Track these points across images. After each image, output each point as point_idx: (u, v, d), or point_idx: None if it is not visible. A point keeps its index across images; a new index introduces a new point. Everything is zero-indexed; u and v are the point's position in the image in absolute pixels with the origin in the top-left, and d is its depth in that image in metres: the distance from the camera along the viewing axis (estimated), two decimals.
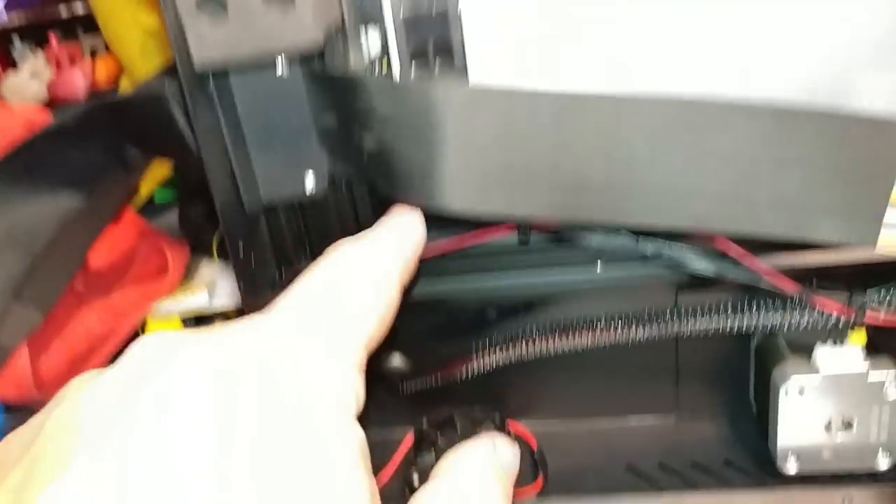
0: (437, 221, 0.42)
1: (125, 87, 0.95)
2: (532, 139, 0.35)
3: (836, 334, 0.41)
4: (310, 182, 0.42)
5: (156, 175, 0.79)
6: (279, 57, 0.37)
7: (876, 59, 0.35)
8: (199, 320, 0.74)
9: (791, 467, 0.44)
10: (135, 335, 0.69)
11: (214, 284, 0.72)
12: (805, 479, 0.45)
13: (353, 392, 0.26)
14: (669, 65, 0.40)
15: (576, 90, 0.35)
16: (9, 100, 0.92)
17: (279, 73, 0.38)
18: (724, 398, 0.51)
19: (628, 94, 0.35)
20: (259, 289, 0.44)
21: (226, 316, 0.71)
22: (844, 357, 0.41)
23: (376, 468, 0.47)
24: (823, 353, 0.41)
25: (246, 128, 0.40)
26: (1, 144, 0.68)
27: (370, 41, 0.41)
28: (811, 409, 0.42)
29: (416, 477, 0.49)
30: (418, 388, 0.51)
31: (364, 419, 0.47)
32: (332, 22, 0.36)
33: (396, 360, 0.52)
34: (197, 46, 0.34)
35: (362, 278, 0.29)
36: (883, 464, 0.43)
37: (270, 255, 0.45)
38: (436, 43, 0.35)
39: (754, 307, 0.42)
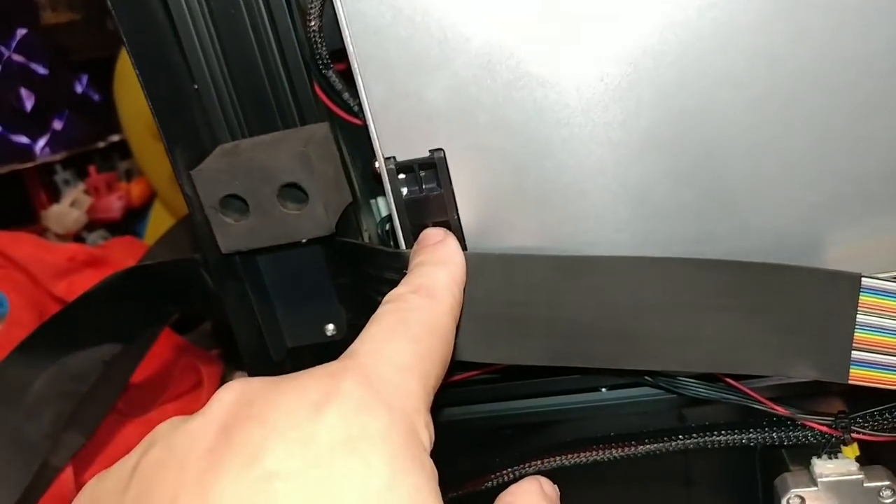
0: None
1: (158, 209, 1.02)
2: (528, 297, 0.39)
3: (829, 450, 0.44)
4: (330, 330, 0.46)
5: None
6: None
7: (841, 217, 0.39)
8: None
9: None
10: None
11: None
12: None
13: (430, 432, 0.27)
14: None
15: (567, 253, 0.39)
16: (51, 227, 0.98)
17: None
18: (735, 502, 0.53)
19: (612, 255, 0.38)
20: None
21: None
22: (840, 468, 0.44)
23: None
24: (820, 465, 0.44)
25: (272, 291, 0.44)
26: (45, 276, 0.74)
27: (381, 207, 0.45)
28: None
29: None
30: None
31: None
32: (343, 204, 0.40)
33: None
34: (222, 238, 0.38)
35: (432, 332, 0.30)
36: None
37: None
38: (434, 219, 0.39)
39: (752, 426, 0.45)
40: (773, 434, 0.44)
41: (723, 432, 0.45)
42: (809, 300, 0.36)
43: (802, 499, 0.45)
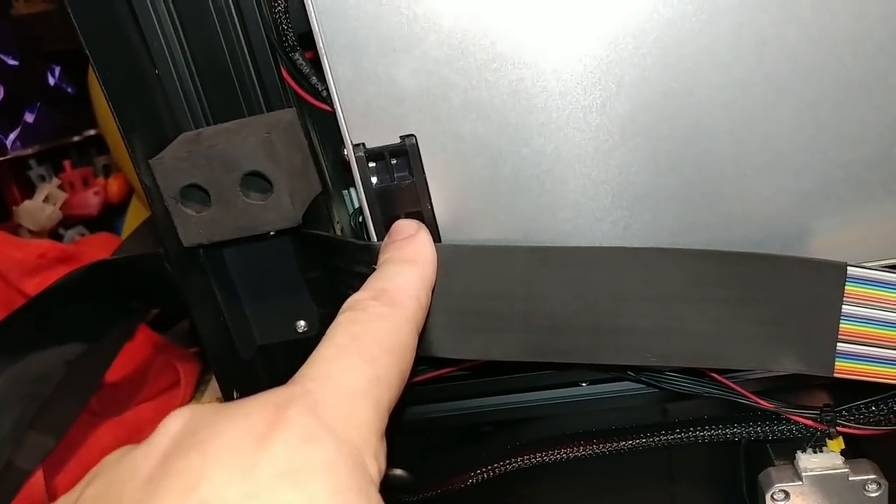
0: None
1: (136, 205, 0.99)
2: (505, 289, 0.37)
3: (814, 444, 0.43)
4: (301, 326, 0.44)
5: None
6: None
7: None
8: None
9: None
10: None
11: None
12: None
13: (381, 462, 0.26)
14: None
15: (544, 243, 0.37)
16: (24, 224, 0.95)
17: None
18: (718, 497, 0.52)
19: (592, 245, 0.37)
20: None
21: None
22: (825, 462, 0.43)
23: None
24: (805, 460, 0.43)
25: (239, 286, 0.43)
26: (15, 273, 0.71)
27: (354, 198, 0.43)
28: None
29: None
30: (421, 500, 0.52)
31: None
32: (311, 195, 0.38)
33: (397, 472, 0.54)
34: (183, 231, 0.37)
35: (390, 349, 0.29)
36: None
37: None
38: (406, 210, 0.38)
39: (736, 420, 0.43)
40: (758, 429, 0.43)
41: (706, 427, 0.44)
42: (795, 290, 0.35)
43: (787, 493, 0.43)
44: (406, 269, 0.33)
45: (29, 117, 1.11)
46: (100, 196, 1.05)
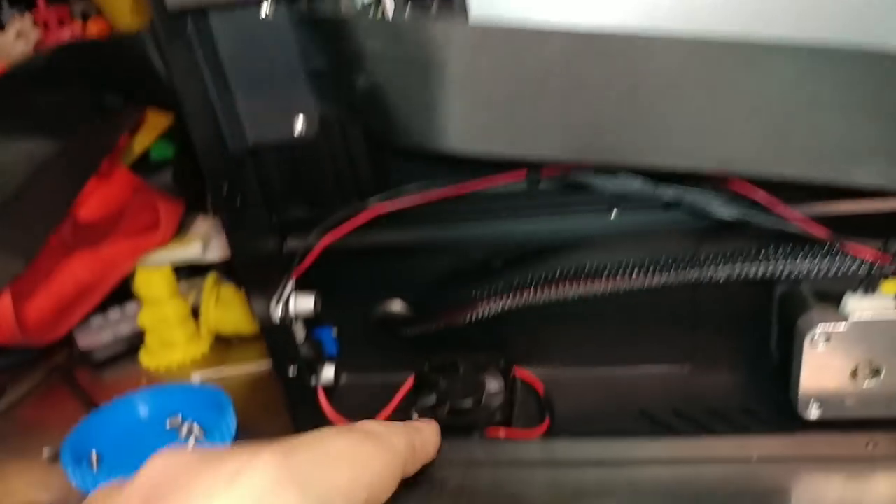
0: (444, 165, 0.40)
1: None
2: (540, 78, 0.32)
3: (867, 284, 0.39)
4: (300, 124, 0.39)
5: (150, 130, 0.76)
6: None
7: None
8: (195, 268, 0.72)
9: (813, 413, 0.43)
10: (124, 284, 0.67)
11: (209, 238, 0.69)
12: (826, 425, 0.43)
13: None
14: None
15: (588, 27, 0.31)
16: None
17: (263, 14, 0.34)
18: (743, 348, 0.49)
19: (652, 32, 0.31)
20: (248, 232, 0.41)
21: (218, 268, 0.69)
22: (875, 305, 0.39)
23: (377, 410, 0.45)
24: (854, 301, 0.39)
25: (230, 70, 0.37)
26: None
27: None
28: (837, 357, 0.40)
29: (415, 417, 0.47)
30: (422, 333, 0.49)
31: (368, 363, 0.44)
32: None
33: (397, 306, 0.50)
34: None
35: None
36: None
37: (259, 197, 0.42)
38: None
39: (781, 254, 0.39)
40: (805, 263, 0.39)
41: (747, 262, 0.40)
42: (891, 90, 0.29)
43: (829, 337, 0.40)
44: (408, 433, 0.34)
45: None
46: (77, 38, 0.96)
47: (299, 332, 0.46)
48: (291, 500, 0.25)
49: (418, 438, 0.34)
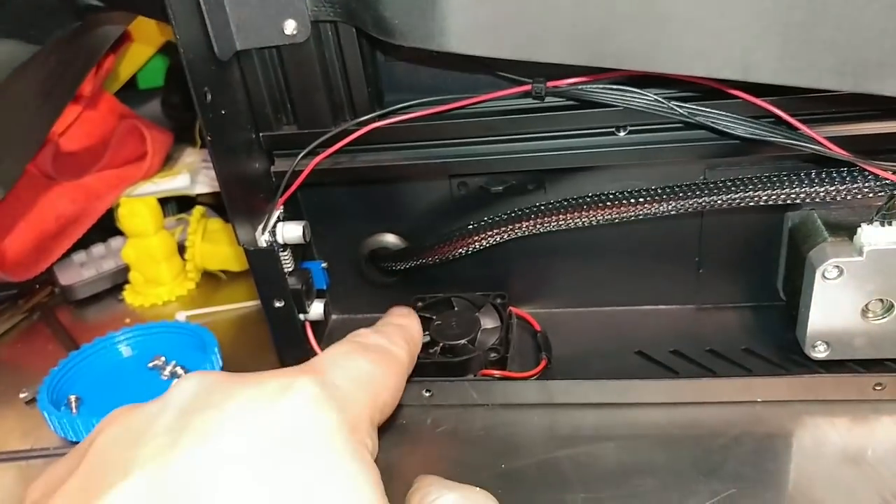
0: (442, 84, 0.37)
1: None
2: None
3: (885, 213, 0.37)
4: (290, 28, 0.36)
5: (136, 56, 0.74)
6: None
7: None
8: (182, 205, 0.70)
9: (820, 353, 0.41)
10: (109, 222, 0.65)
11: (197, 170, 0.67)
12: (833, 366, 0.42)
13: (375, 444, 0.29)
14: None
15: None
16: None
17: None
18: (749, 287, 0.47)
19: None
20: (232, 145, 0.39)
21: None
22: (893, 235, 0.37)
23: None
24: (869, 231, 0.37)
25: None
26: None
27: None
28: (849, 292, 0.39)
29: None
30: (416, 267, 0.47)
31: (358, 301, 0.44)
32: None
33: (389, 239, 0.48)
34: None
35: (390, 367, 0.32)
36: None
37: (246, 111, 0.40)
38: None
39: (797, 177, 0.37)
40: (822, 188, 0.36)
41: (760, 186, 0.38)
42: None
43: (841, 270, 0.38)
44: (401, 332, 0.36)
45: None
46: None
47: (287, 262, 0.43)
48: (333, 419, 0.26)
49: (410, 337, 0.36)
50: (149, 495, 0.23)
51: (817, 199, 0.36)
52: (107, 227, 0.65)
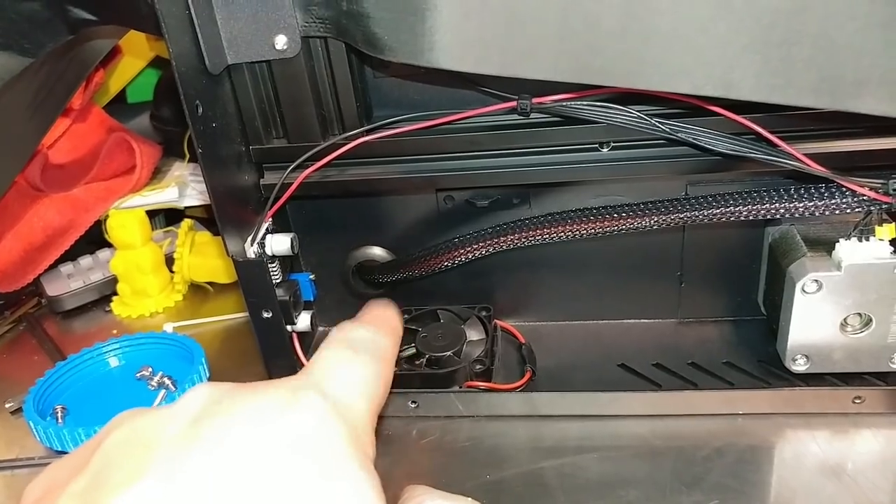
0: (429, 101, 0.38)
1: None
2: None
3: (862, 228, 0.38)
4: (280, 43, 0.37)
5: (126, 70, 0.74)
6: None
7: None
8: (170, 218, 0.71)
9: (800, 367, 0.42)
10: (97, 234, 0.65)
11: (186, 184, 0.67)
12: (813, 379, 0.42)
13: (374, 451, 0.29)
14: None
15: None
16: None
17: None
18: (728, 301, 0.48)
19: None
20: (222, 158, 0.39)
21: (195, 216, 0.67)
22: (870, 250, 0.38)
23: None
24: (847, 247, 0.38)
25: None
26: None
27: None
28: (828, 306, 0.39)
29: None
30: (402, 280, 0.47)
31: (345, 313, 0.43)
32: None
33: (375, 252, 0.49)
34: None
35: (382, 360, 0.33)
36: None
37: (236, 124, 0.40)
38: None
39: (776, 193, 0.38)
40: (801, 203, 0.37)
41: (740, 202, 0.38)
42: None
43: (820, 284, 0.39)
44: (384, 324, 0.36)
45: None
46: None
47: (275, 274, 0.44)
48: (339, 431, 0.27)
49: (393, 327, 0.36)
50: (162, 498, 0.23)
51: (796, 215, 0.37)
52: (95, 239, 0.65)
